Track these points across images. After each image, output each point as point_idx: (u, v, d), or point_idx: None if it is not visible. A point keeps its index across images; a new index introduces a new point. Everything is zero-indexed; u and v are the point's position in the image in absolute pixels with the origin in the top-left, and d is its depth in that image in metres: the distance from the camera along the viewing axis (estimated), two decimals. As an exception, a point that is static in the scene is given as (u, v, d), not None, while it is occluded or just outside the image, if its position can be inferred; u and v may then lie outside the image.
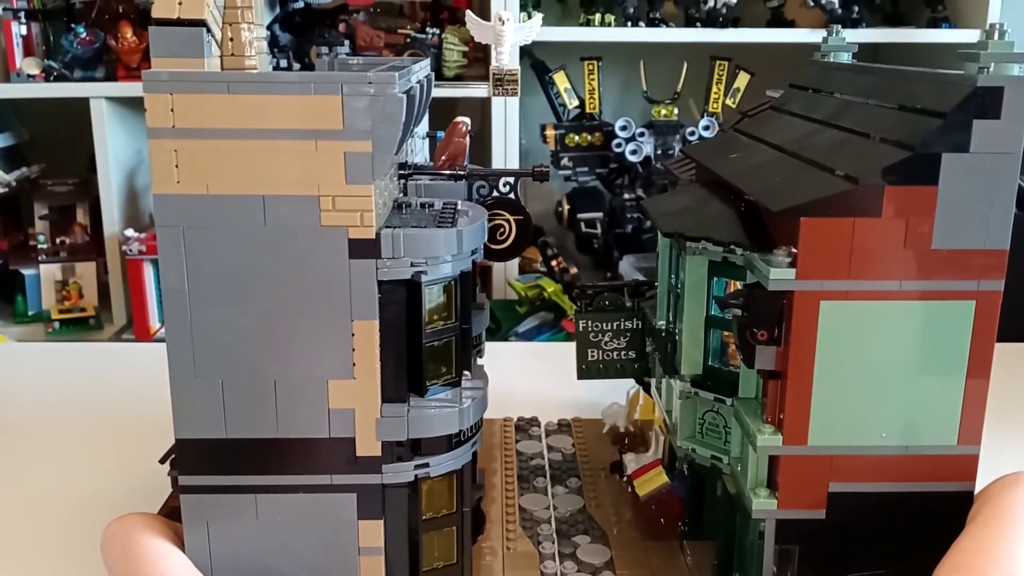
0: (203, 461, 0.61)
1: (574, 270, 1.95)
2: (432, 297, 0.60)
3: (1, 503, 0.93)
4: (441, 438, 0.62)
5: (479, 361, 0.81)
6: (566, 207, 2.01)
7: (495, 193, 0.74)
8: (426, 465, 0.62)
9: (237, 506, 0.61)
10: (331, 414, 0.60)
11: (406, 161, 0.72)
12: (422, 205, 0.65)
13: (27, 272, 1.99)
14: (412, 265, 0.59)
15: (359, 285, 0.58)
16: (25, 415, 1.15)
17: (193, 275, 0.58)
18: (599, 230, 2.00)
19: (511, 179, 0.74)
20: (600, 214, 2.02)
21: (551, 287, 1.83)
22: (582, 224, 2.00)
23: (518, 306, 1.86)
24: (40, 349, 1.63)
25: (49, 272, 1.97)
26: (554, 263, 2.01)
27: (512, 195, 0.73)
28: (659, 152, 1.95)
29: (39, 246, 1.97)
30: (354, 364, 0.59)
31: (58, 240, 1.98)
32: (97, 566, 0.81)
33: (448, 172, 0.72)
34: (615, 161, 1.99)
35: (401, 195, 0.70)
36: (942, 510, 0.61)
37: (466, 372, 0.64)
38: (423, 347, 0.61)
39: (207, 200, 0.57)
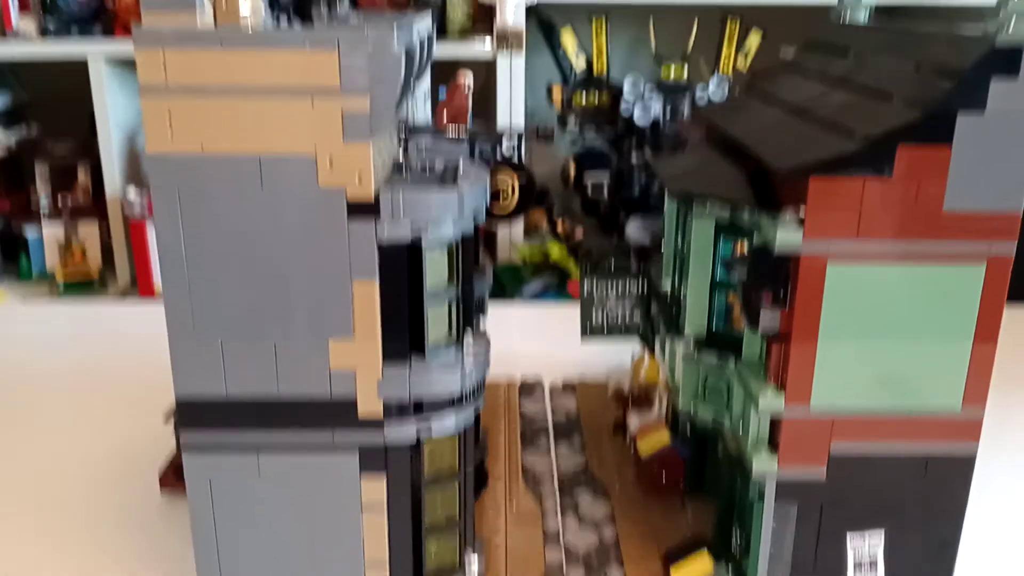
0: (204, 419, 0.61)
1: (580, 232, 1.94)
2: (433, 259, 0.60)
3: (7, 462, 0.93)
4: (443, 399, 0.62)
5: (482, 323, 0.80)
6: (572, 169, 1.99)
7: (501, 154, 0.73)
8: (428, 425, 0.62)
9: (239, 464, 0.61)
10: (332, 374, 0.60)
11: (407, 120, 0.71)
12: (423, 166, 0.64)
13: (30, 233, 1.98)
14: (412, 226, 0.58)
15: (358, 246, 0.57)
16: (31, 375, 1.15)
17: (189, 236, 0.57)
18: (606, 192, 1.98)
19: (516, 140, 0.73)
20: (607, 176, 2.00)
21: (556, 250, 1.82)
22: (589, 186, 1.98)
23: (523, 269, 1.85)
24: (45, 310, 1.63)
25: (52, 233, 1.96)
26: (559, 226, 1.99)
27: (516, 156, 0.72)
28: (668, 113, 1.93)
29: (41, 207, 1.96)
30: (354, 325, 0.59)
31: (60, 201, 1.97)
32: (103, 523, 0.82)
33: (449, 132, 0.71)
34: (623, 122, 1.96)
35: (402, 155, 0.69)
36: (944, 472, 0.60)
37: (468, 334, 0.64)
38: (424, 308, 0.60)
39: (202, 160, 0.56)
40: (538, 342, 1.21)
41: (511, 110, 2.00)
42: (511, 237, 1.98)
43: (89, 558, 0.78)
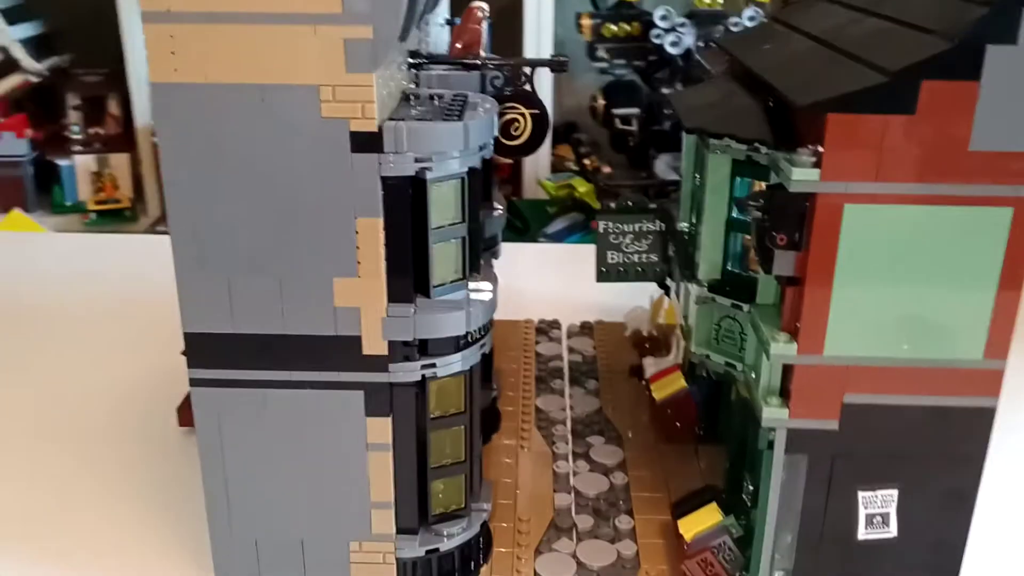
0: (211, 355, 0.60)
1: (607, 169, 1.91)
2: (438, 194, 0.58)
3: (37, 390, 0.95)
4: (448, 339, 0.61)
5: (494, 262, 0.79)
6: (601, 102, 1.94)
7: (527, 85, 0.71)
8: (433, 365, 0.61)
9: (246, 400, 0.61)
10: (337, 312, 0.59)
11: (417, 50, 0.69)
12: (431, 97, 0.62)
13: (62, 163, 1.99)
14: (416, 160, 0.56)
15: (361, 181, 0.56)
16: (61, 305, 1.16)
17: (194, 168, 0.56)
18: (635, 127, 1.94)
19: (529, 71, 0.71)
20: (637, 110, 1.96)
21: (583, 187, 1.79)
22: (617, 120, 1.94)
23: (548, 206, 1.83)
24: (77, 240, 1.64)
25: (84, 163, 1.97)
26: (587, 161, 1.96)
27: (528, 87, 0.69)
28: (701, 44, 1.87)
29: (72, 137, 1.96)
30: (358, 262, 0.57)
31: (91, 131, 1.97)
32: (122, 454, 0.83)
33: (460, 62, 0.69)
34: (654, 53, 1.91)
35: (413, 86, 0.67)
36: (962, 426, 0.58)
37: (475, 274, 0.62)
38: (429, 247, 0.59)
39: (205, 89, 0.54)
40: (558, 282, 1.19)
41: (539, 41, 1.96)
42: (536, 172, 1.95)
43: (107, 486, 0.79)
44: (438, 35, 0.79)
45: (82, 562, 0.70)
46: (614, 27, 1.86)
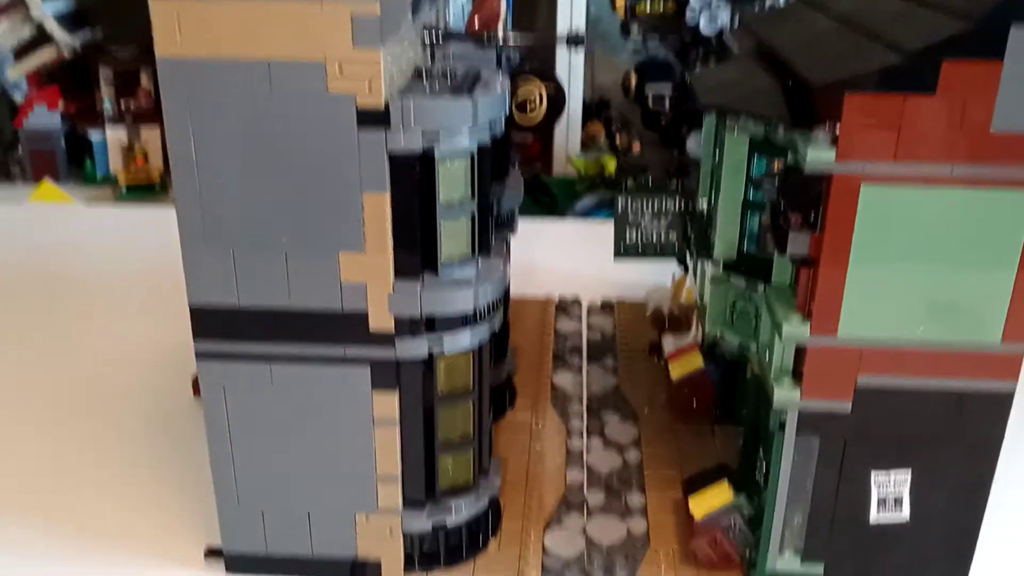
0: (217, 328, 0.60)
1: (637, 147, 1.89)
2: (446, 170, 0.57)
3: (61, 359, 0.96)
4: (456, 316, 0.60)
5: (512, 239, 0.78)
6: (633, 79, 1.92)
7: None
8: (440, 342, 0.61)
9: (252, 374, 0.61)
10: (343, 287, 0.58)
11: (433, 25, 0.68)
12: (443, 73, 0.62)
13: (94, 136, 2.00)
14: (424, 136, 0.56)
15: (368, 157, 0.55)
16: (89, 276, 1.18)
17: (200, 142, 0.56)
18: (667, 105, 1.91)
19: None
20: (669, 88, 1.93)
21: (613, 164, 1.77)
22: (649, 98, 1.92)
23: (577, 183, 1.81)
24: (107, 212, 1.66)
25: (115, 136, 1.97)
26: (618, 139, 1.94)
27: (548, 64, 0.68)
28: (736, 22, 1.84)
29: (105, 111, 1.97)
30: (365, 238, 0.57)
31: (123, 105, 1.98)
32: (136, 423, 0.84)
33: (476, 37, 0.68)
34: (688, 31, 1.89)
35: (428, 62, 0.66)
36: (979, 410, 0.57)
37: (485, 251, 0.62)
38: (437, 223, 0.58)
39: (211, 65, 0.54)
40: (582, 260, 1.19)
41: (571, 17, 1.94)
42: (567, 148, 1.94)
43: (120, 454, 0.80)
44: (459, 11, 0.78)
45: (91, 529, 0.70)
46: (648, 5, 1.83)
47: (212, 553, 0.66)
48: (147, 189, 1.95)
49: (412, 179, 0.57)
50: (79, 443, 0.82)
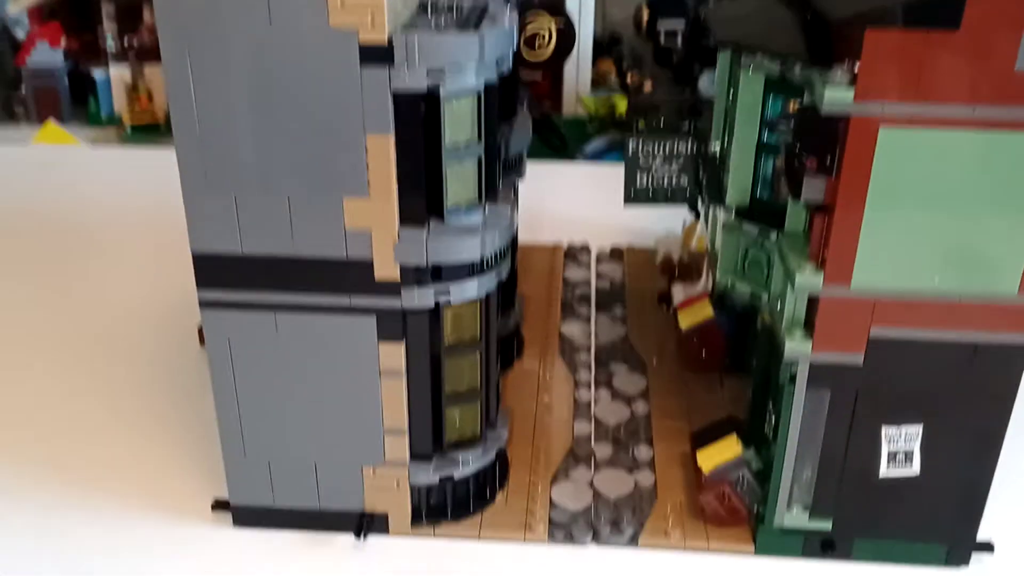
0: (220, 276, 0.59)
1: (649, 85, 1.85)
2: (452, 110, 0.56)
3: (66, 304, 0.95)
4: (462, 265, 0.59)
5: (519, 184, 0.77)
6: (646, 14, 1.88)
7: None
8: (447, 292, 0.59)
9: (256, 323, 0.60)
10: (347, 234, 0.57)
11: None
12: (449, 7, 0.59)
13: (98, 74, 1.97)
14: (429, 74, 0.54)
15: (371, 95, 0.53)
16: (95, 219, 1.16)
17: (198, 80, 0.54)
18: (680, 41, 1.87)
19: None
20: (682, 23, 1.89)
21: (624, 104, 1.74)
22: (662, 34, 1.87)
23: (588, 123, 1.78)
24: (112, 154, 1.64)
25: (119, 74, 1.94)
26: (629, 77, 1.90)
27: None
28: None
29: (107, 47, 1.94)
30: (369, 182, 0.56)
31: (126, 41, 1.95)
32: (141, 369, 0.83)
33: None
34: (703, -37, 1.84)
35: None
36: (993, 363, 0.56)
37: (493, 196, 0.60)
38: (443, 166, 0.56)
39: (209, -1, 0.52)
40: (592, 204, 1.17)
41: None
42: (577, 87, 1.90)
43: (125, 402, 0.79)
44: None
45: (97, 482, 0.70)
46: (660, -63, 1.78)
47: (219, 505, 0.66)
48: (152, 129, 1.93)
49: (417, 119, 0.55)
50: (84, 393, 0.81)
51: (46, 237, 1.12)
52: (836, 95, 0.51)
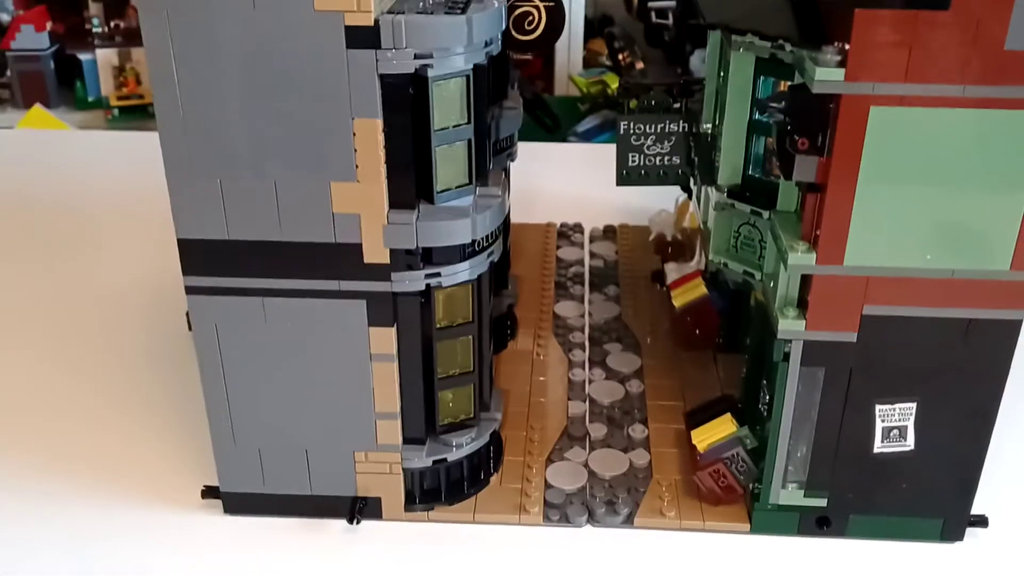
0: (206, 262, 0.58)
1: (640, 65, 1.84)
2: (440, 93, 0.55)
3: (54, 289, 0.95)
4: (453, 247, 0.59)
5: (511, 165, 0.76)
6: (637, -7, 1.87)
7: None
8: (438, 275, 0.59)
9: (244, 309, 0.59)
10: (335, 218, 0.57)
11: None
12: (438, -12, 0.59)
13: (84, 57, 1.96)
14: (417, 57, 0.53)
15: (358, 79, 0.53)
16: (83, 204, 1.16)
17: (181, 63, 0.53)
18: (671, 20, 1.86)
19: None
20: (673, 2, 1.88)
21: (616, 83, 1.73)
22: (653, 13, 1.86)
23: (580, 103, 1.78)
24: (99, 137, 1.63)
25: (106, 57, 1.93)
26: (621, 57, 1.89)
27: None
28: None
29: (94, 30, 1.93)
30: (357, 166, 0.55)
31: (113, 24, 1.93)
32: (129, 353, 0.83)
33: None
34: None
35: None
36: (986, 340, 0.56)
37: (483, 178, 0.60)
38: (432, 149, 0.56)
39: (193, -19, 0.51)
40: (584, 184, 1.16)
41: (574, -68, 1.88)
42: (568, 67, 1.89)
43: (114, 388, 0.79)
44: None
45: (86, 469, 0.70)
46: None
47: (209, 492, 0.66)
48: (140, 111, 1.92)
49: (405, 103, 0.54)
50: (72, 378, 0.81)
51: (33, 223, 1.11)
52: (827, 75, 0.50)
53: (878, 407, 0.59)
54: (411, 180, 0.57)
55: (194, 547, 0.63)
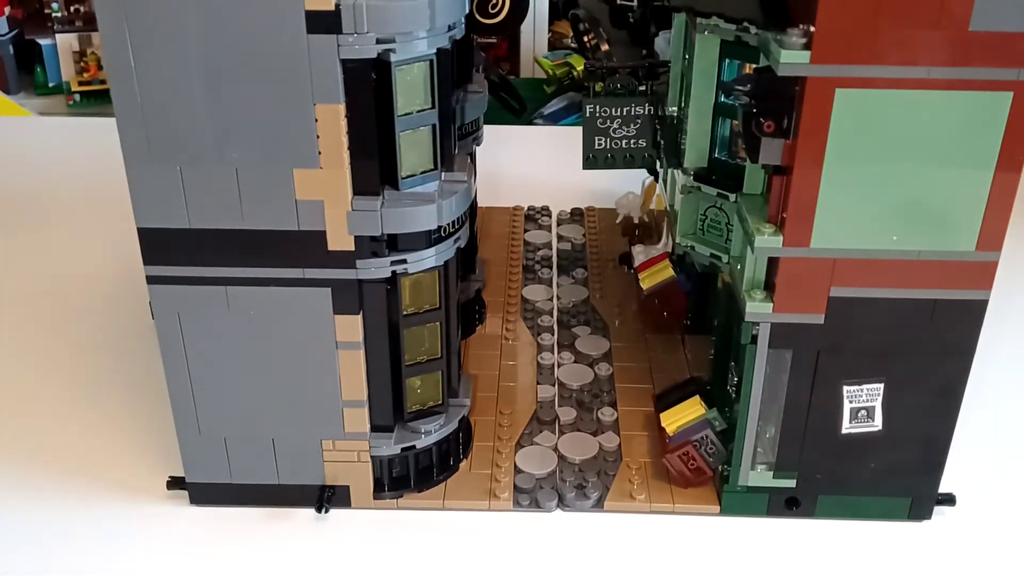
0: (167, 251, 0.57)
1: (605, 47, 1.84)
2: (403, 78, 0.54)
3: (15, 277, 0.93)
4: (419, 234, 0.58)
5: (476, 149, 0.76)
6: (602, -25, 1.86)
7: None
8: (404, 261, 0.58)
9: (207, 298, 0.58)
10: (298, 205, 0.56)
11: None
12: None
13: (44, 42, 1.92)
14: (379, 42, 0.52)
15: (319, 64, 0.52)
16: (44, 191, 1.14)
17: (137, 47, 0.52)
18: (636, 2, 1.86)
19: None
20: (639, -16, 1.87)
21: (581, 65, 1.73)
22: (618, -5, 1.86)
23: (545, 85, 1.77)
24: (61, 123, 1.60)
25: (66, 42, 1.89)
26: (586, 39, 1.88)
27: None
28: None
29: (54, 15, 1.89)
30: (320, 152, 0.54)
31: (73, 8, 1.90)
32: (103, 343, 0.82)
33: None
34: (658, -76, 1.82)
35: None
36: (952, 321, 0.56)
37: (448, 163, 0.59)
38: (396, 135, 0.55)
39: (148, -36, 0.50)
40: (551, 166, 1.16)
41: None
42: (534, 49, 1.88)
43: (77, 378, 0.78)
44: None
45: (48, 460, 0.69)
46: None
47: (175, 483, 0.65)
48: (102, 96, 1.88)
49: (367, 88, 0.53)
50: (34, 369, 0.79)
51: (-5, 211, 1.09)
52: (792, 58, 0.50)
53: (846, 388, 0.59)
54: (375, 166, 0.56)
55: (161, 539, 0.62)
